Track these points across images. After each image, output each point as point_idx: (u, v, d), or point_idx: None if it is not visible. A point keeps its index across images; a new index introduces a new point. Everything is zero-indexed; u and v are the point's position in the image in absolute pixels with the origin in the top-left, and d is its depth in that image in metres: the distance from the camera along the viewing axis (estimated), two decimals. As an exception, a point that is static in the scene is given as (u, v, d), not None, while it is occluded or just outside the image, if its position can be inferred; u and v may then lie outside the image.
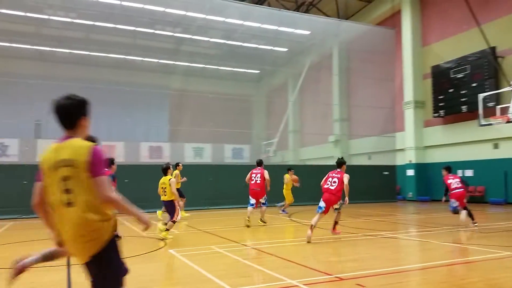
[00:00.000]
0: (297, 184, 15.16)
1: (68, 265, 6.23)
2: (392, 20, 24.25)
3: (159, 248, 7.81)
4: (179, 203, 10.27)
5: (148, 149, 22.70)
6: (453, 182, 10.41)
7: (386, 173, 22.52)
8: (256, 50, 25.51)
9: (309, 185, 20.01)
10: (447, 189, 10.58)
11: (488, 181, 19.01)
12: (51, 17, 20.58)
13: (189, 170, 18.97)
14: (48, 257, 3.58)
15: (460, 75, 19.86)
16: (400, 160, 23.44)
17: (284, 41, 25.12)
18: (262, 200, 11.47)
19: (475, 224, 10.09)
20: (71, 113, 2.81)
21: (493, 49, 18.28)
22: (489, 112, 16.21)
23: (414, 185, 22.39)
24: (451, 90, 20.25)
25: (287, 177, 15.44)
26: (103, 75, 22.92)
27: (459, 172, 20.41)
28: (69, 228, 2.62)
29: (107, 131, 21.20)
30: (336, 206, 8.89)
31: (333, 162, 26.23)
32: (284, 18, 22.50)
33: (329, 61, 27.04)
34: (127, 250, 7.62)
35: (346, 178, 8.71)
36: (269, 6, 24.10)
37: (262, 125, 29.22)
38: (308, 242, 8.06)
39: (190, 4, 20.62)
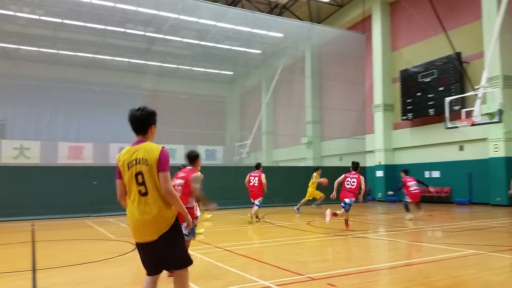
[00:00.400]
0: (325, 184, 15.40)
1: (34, 270, 6.02)
2: (363, 25, 24.78)
3: (129, 252, 7.65)
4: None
5: (118, 150, 22.17)
6: (411, 184, 12.28)
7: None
8: (230, 51, 25.48)
9: (281, 186, 20.21)
10: (400, 187, 12.76)
11: (454, 182, 19.69)
12: (17, 14, 19.84)
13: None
14: None
15: (427, 79, 20.49)
16: (370, 161, 23.95)
17: (257, 43, 25.22)
18: (256, 202, 12.16)
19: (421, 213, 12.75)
20: (143, 122, 3.52)
21: (458, 54, 18.96)
22: (455, 116, 16.79)
23: (383, 186, 22.93)
24: (418, 94, 20.85)
25: (316, 176, 16.01)
26: (72, 75, 22.32)
27: (426, 174, 21.09)
28: (144, 213, 3.29)
29: (76, 131, 20.66)
30: (348, 201, 10.23)
31: (305, 163, 26.59)
32: (258, 20, 22.58)
33: (302, 64, 27.34)
34: (94, 254, 7.47)
35: (362, 180, 10.24)
36: (243, 8, 24.13)
37: (235, 126, 29.22)
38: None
39: (162, 3, 20.36)
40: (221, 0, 24.16)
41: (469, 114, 15.89)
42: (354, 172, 10.46)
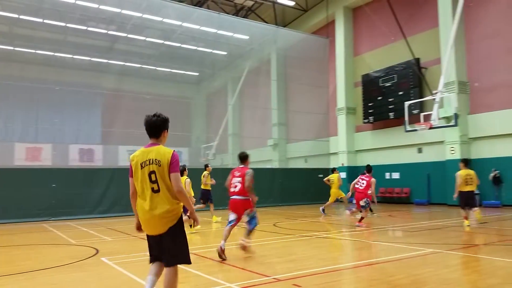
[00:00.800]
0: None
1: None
2: (327, 30, 25.29)
3: (90, 257, 7.40)
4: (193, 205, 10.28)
5: (78, 151, 21.48)
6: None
7: (321, 175, 23.34)
8: (195, 52, 25.26)
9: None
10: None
11: (413, 183, 20.44)
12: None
13: (123, 174, 18.25)
14: None
15: (388, 84, 21.16)
16: (333, 163, 24.43)
17: (223, 44, 25.15)
18: (362, 203, 11.83)
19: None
20: (158, 127, 3.92)
21: (417, 60, 19.71)
22: (414, 119, 17.44)
23: (346, 188, 23.40)
24: (379, 98, 21.49)
25: (337, 177, 15.99)
26: (30, 73, 21.37)
27: (387, 175, 21.76)
28: (156, 208, 3.67)
29: (34, 131, 19.78)
30: (362, 203, 11.26)
31: (271, 165, 26.69)
32: (223, 22, 22.54)
33: (268, 66, 27.54)
34: (54, 260, 7.17)
35: (372, 182, 11.19)
36: (208, 8, 24.00)
37: (201, 128, 28.97)
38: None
39: (125, 2, 19.91)
40: (186, 0, 23.91)
41: (427, 118, 16.56)
42: (367, 174, 11.59)
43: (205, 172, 14.00)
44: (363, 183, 11.44)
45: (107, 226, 13.07)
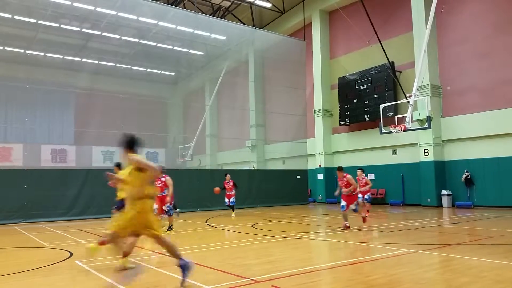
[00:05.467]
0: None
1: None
2: (304, 32, 25.51)
3: (63, 260, 7.18)
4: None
5: (50, 152, 20.86)
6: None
7: (298, 177, 23.54)
8: (172, 51, 24.96)
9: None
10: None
11: (388, 184, 20.83)
12: None
13: (98, 175, 17.80)
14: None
15: (363, 87, 21.51)
16: (311, 164, 24.66)
17: (200, 44, 24.97)
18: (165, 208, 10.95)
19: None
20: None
21: (392, 64, 20.12)
22: (389, 121, 17.79)
23: (324, 188, 23.69)
24: (355, 100, 21.82)
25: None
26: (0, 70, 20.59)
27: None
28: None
29: (3, 131, 19.09)
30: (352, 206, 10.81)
31: (249, 166, 26.67)
32: (200, 22, 22.38)
33: (245, 67, 27.53)
34: (26, 263, 6.91)
35: (350, 178, 10.64)
36: (185, 8, 23.76)
37: (178, 128, 28.65)
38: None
39: (99, -1, 19.49)
40: (162, -1, 23.64)
41: (401, 121, 16.92)
42: (344, 174, 10.91)
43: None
44: (345, 181, 10.95)
45: (81, 229, 12.73)
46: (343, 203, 10.73)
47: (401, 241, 8.54)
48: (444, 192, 18.11)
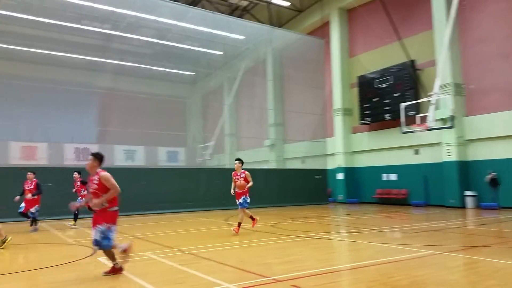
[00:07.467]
0: None
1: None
2: (322, 31, 25.32)
3: (87, 256, 7.32)
4: None
5: (74, 150, 21.32)
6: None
7: (318, 176, 23.37)
8: (191, 51, 25.17)
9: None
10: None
11: (410, 185, 20.46)
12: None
13: (120, 173, 18.09)
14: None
15: (383, 85, 21.20)
16: (330, 164, 24.46)
17: (218, 44, 25.09)
18: None
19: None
20: None
21: (412, 62, 19.77)
22: (410, 121, 17.48)
23: (344, 188, 23.46)
24: (375, 99, 21.53)
25: None
26: (23, 71, 21.20)
27: (384, 176, 21.79)
28: None
29: (29, 131, 19.60)
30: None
31: (268, 165, 26.66)
32: (218, 21, 22.48)
33: (264, 67, 27.52)
34: (51, 259, 7.08)
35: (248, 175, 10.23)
36: (203, 8, 23.91)
37: (197, 128, 28.88)
38: None
39: (119, 0, 19.77)
40: (181, -1, 23.85)
41: (423, 120, 16.59)
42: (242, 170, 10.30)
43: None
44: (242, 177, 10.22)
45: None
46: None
47: (424, 242, 8.38)
48: (468, 192, 17.69)
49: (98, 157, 6.19)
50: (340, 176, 23.78)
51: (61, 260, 6.99)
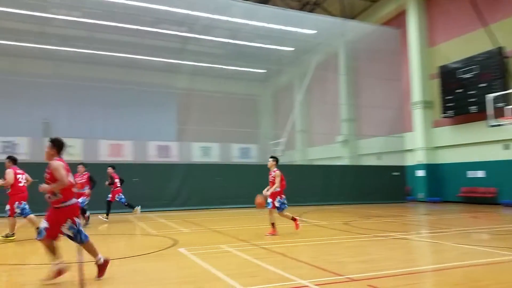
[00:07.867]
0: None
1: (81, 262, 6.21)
2: (398, 20, 24.12)
3: (169, 247, 7.78)
4: None
5: (156, 148, 22.73)
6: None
7: (396, 173, 22.35)
8: (262, 49, 25.40)
9: (317, 185, 20.00)
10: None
11: (500, 182, 18.77)
12: (55, 16, 20.58)
13: (197, 169, 19.02)
14: None
15: (468, 75, 19.68)
16: (409, 160, 23.26)
17: (289, 40, 25.01)
18: None
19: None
20: None
21: (500, 49, 18.09)
22: (499, 113, 16.02)
23: (425, 186, 22.18)
24: (459, 91, 20.07)
25: None
26: (109, 74, 22.93)
27: (470, 173, 20.23)
28: None
29: (116, 130, 21.24)
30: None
31: (341, 162, 26.11)
32: (289, 18, 22.42)
33: (336, 61, 26.93)
34: (137, 248, 7.65)
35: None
36: (274, 5, 24.00)
37: (269, 124, 29.15)
38: None
39: (194, 3, 20.56)
40: (252, -2, 24.17)
41: (514, 111, 15.13)
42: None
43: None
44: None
45: (183, 218, 13.69)
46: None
47: (516, 246, 7.67)
48: None
49: (56, 144, 5.31)
50: (420, 173, 22.50)
51: (147, 250, 7.51)
